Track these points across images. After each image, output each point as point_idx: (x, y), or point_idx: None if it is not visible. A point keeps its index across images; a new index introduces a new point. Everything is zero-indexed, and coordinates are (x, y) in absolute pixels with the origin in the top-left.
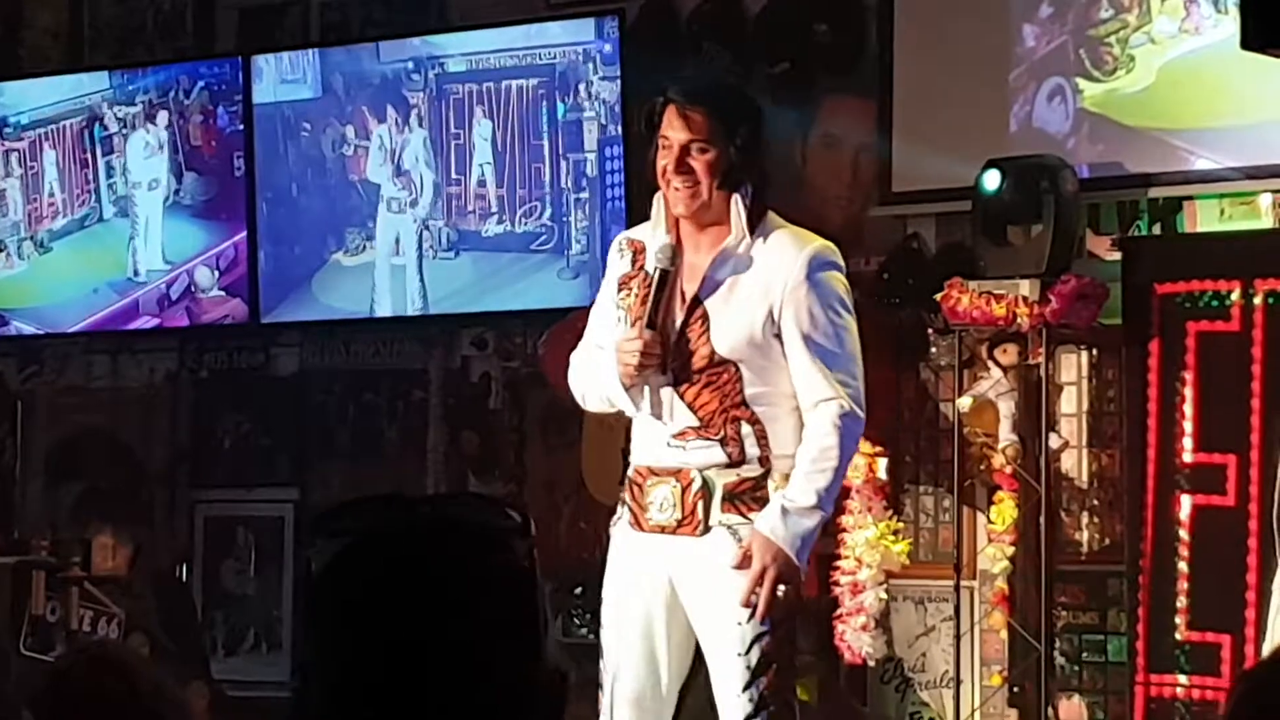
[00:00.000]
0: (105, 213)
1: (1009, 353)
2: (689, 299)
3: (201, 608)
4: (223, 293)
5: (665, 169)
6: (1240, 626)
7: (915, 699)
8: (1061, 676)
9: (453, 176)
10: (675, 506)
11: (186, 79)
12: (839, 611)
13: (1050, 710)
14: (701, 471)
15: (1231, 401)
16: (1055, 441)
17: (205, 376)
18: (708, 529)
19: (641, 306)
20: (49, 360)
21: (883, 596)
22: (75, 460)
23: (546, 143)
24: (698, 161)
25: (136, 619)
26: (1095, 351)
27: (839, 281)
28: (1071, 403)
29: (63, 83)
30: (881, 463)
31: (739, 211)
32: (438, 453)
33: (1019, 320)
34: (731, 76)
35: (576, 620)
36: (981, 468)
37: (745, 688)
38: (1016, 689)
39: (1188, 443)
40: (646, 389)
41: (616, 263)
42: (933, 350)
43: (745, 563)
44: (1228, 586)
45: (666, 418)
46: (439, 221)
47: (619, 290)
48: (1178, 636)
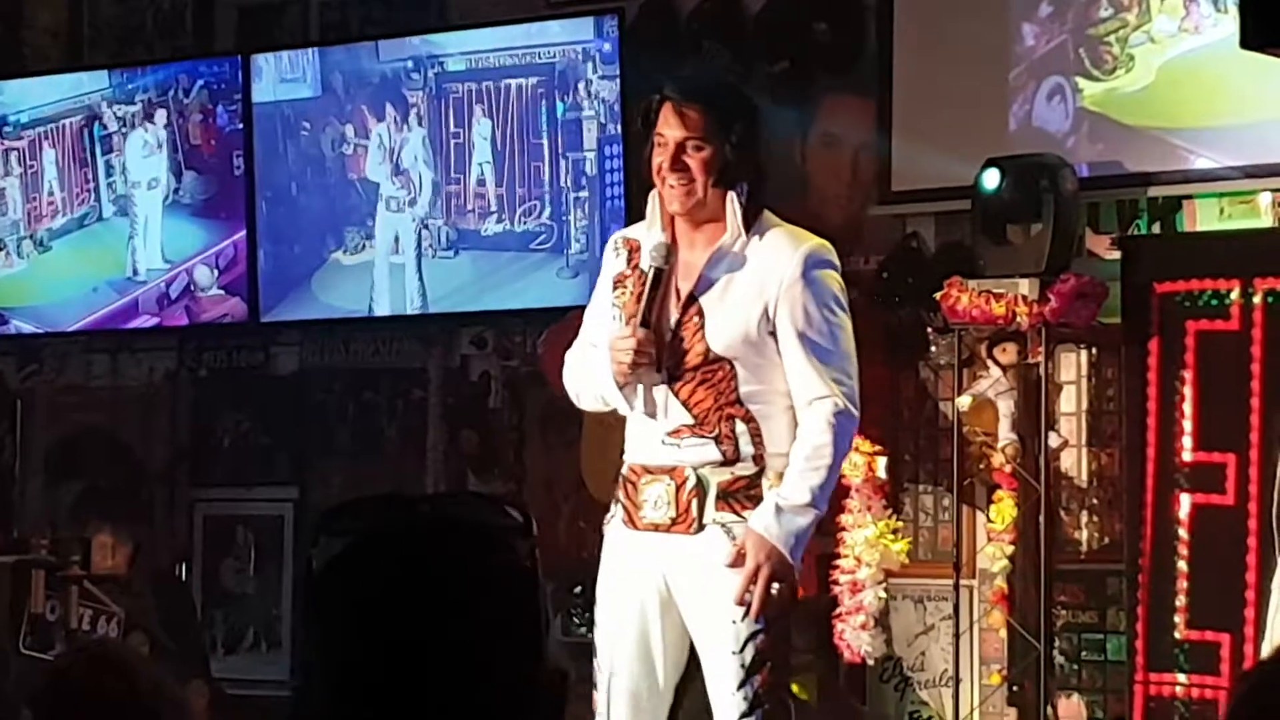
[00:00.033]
0: (105, 212)
1: (1008, 352)
2: (684, 296)
3: (201, 606)
4: (222, 292)
5: (660, 166)
6: (1239, 626)
7: (914, 698)
8: (1061, 675)
9: (452, 175)
10: (670, 505)
11: (186, 78)
12: (838, 610)
13: (1049, 709)
14: (696, 470)
15: (1231, 400)
16: (1055, 440)
17: (205, 375)
18: (702, 527)
19: (636, 305)
20: (48, 359)
21: (882, 595)
22: (75, 459)
23: (546, 142)
24: (693, 159)
25: (136, 618)
26: (1095, 350)
27: (834, 280)
28: (1071, 402)
29: (62, 82)
30: (881, 461)
31: (735, 209)
32: (437, 452)
33: (1018, 319)
34: (731, 75)
35: (575, 619)
36: (981, 467)
37: (740, 686)
38: (1016, 688)
39: (1187, 442)
40: (640, 387)
41: (612, 261)
42: (932, 349)
43: (739, 561)
44: (1227, 585)
45: (661, 415)
46: (438, 220)
47: (614, 289)
48: (1177, 635)
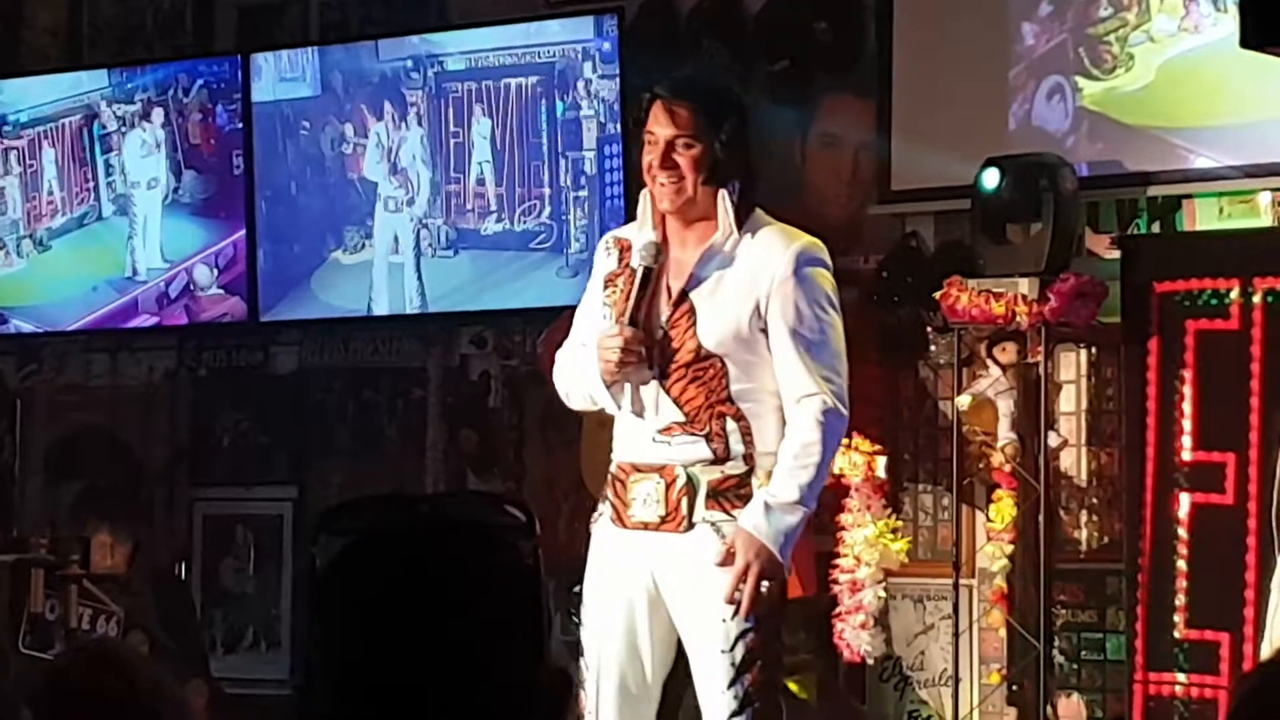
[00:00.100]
0: (104, 211)
1: (1008, 351)
2: (675, 294)
3: (200, 606)
4: (222, 291)
5: (651, 164)
6: (1239, 625)
7: (914, 697)
8: (1060, 675)
9: (452, 175)
10: (659, 503)
11: (185, 77)
12: (838, 610)
13: (1049, 708)
14: (686, 468)
15: (1230, 400)
16: (1054, 440)
17: (204, 375)
18: (691, 525)
19: (625, 303)
20: (48, 358)
21: (881, 595)
22: (74, 458)
23: (545, 141)
24: (683, 156)
25: (135, 617)
26: (1094, 350)
27: (826, 279)
28: (1070, 401)
29: (62, 81)
30: (880, 461)
31: (727, 208)
32: (437, 451)
33: (1018, 318)
34: (731, 75)
35: (575, 618)
36: (980, 466)
37: (730, 684)
38: (1015, 687)
39: (1186, 441)
40: (628, 386)
41: (603, 261)
42: (932, 348)
43: (729, 559)
44: (1226, 585)
45: (651, 413)
46: (438, 220)
47: (605, 288)
48: (1176, 635)
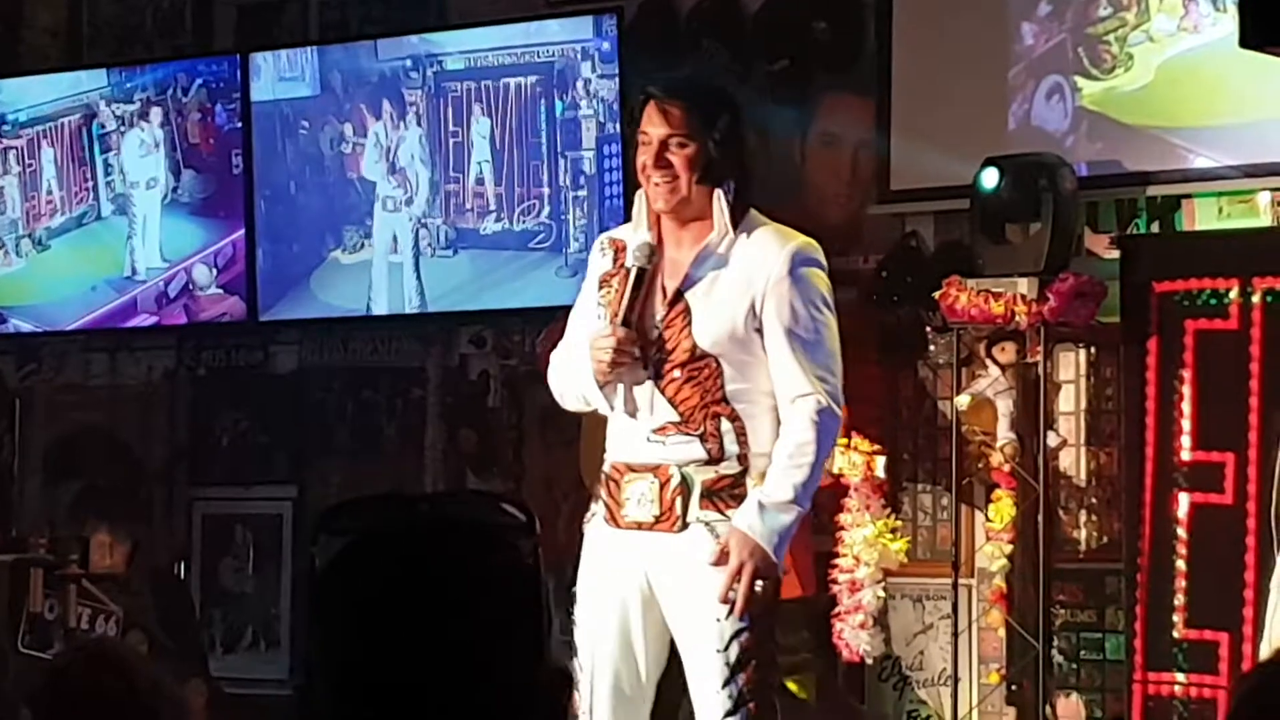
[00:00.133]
0: (103, 210)
1: (1007, 351)
2: (670, 294)
3: (200, 605)
4: (221, 290)
5: (645, 165)
6: (1238, 625)
7: (913, 697)
8: (1059, 674)
9: (451, 174)
10: (653, 502)
11: (185, 77)
12: (837, 609)
13: (1048, 708)
14: (680, 468)
15: (1229, 400)
16: (1053, 440)
17: (203, 374)
18: (685, 525)
19: (618, 304)
20: (47, 358)
21: (881, 594)
22: (73, 458)
23: (545, 141)
24: (676, 156)
25: (134, 617)
26: (1093, 350)
27: (821, 279)
28: (1070, 401)
29: (61, 80)
30: (880, 461)
31: (722, 208)
32: (436, 450)
33: (1017, 318)
34: (730, 74)
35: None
36: (980, 466)
37: (724, 684)
38: (1014, 687)
39: (1186, 441)
40: (621, 387)
41: (598, 261)
42: (931, 348)
43: (723, 559)
44: (1225, 585)
45: (646, 412)
46: (437, 219)
47: (600, 288)
48: (1175, 635)
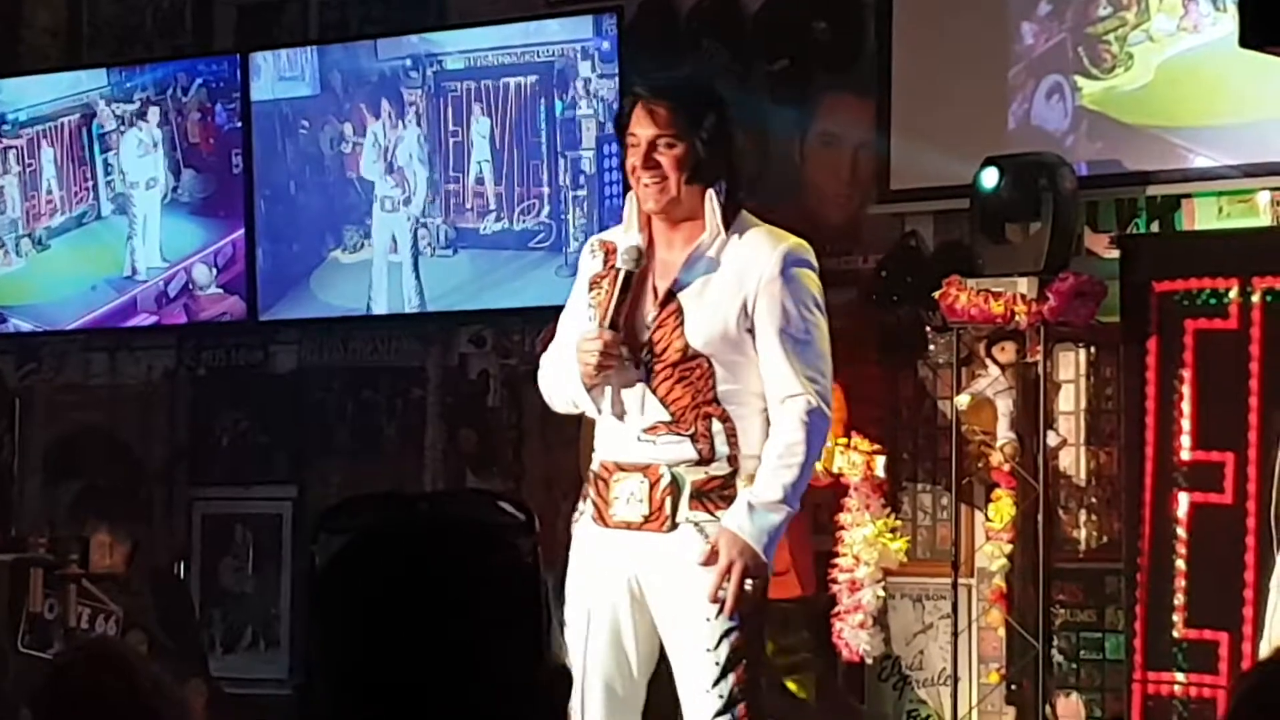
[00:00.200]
0: (103, 210)
1: (1007, 350)
2: (662, 294)
3: (199, 605)
4: (221, 290)
5: (634, 166)
6: (1238, 624)
7: (913, 697)
8: (1059, 674)
9: (451, 174)
10: (643, 502)
11: (185, 76)
12: (837, 609)
13: (1048, 708)
14: (671, 468)
15: (1229, 399)
16: (1053, 439)
17: (203, 374)
18: (675, 525)
19: (606, 306)
20: (47, 358)
21: (880, 594)
22: (73, 458)
23: (544, 140)
24: (665, 156)
25: (134, 616)
26: (1093, 349)
27: (812, 280)
28: (1069, 400)
29: (61, 80)
30: (879, 460)
31: (714, 208)
32: (436, 450)
33: (1017, 318)
34: (730, 74)
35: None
36: (979, 465)
37: (715, 683)
38: (1014, 687)
39: (1185, 440)
40: (609, 390)
41: (588, 263)
42: (931, 348)
43: (712, 559)
44: (1225, 584)
45: (637, 412)
46: (437, 219)
47: (590, 290)
48: (1175, 634)
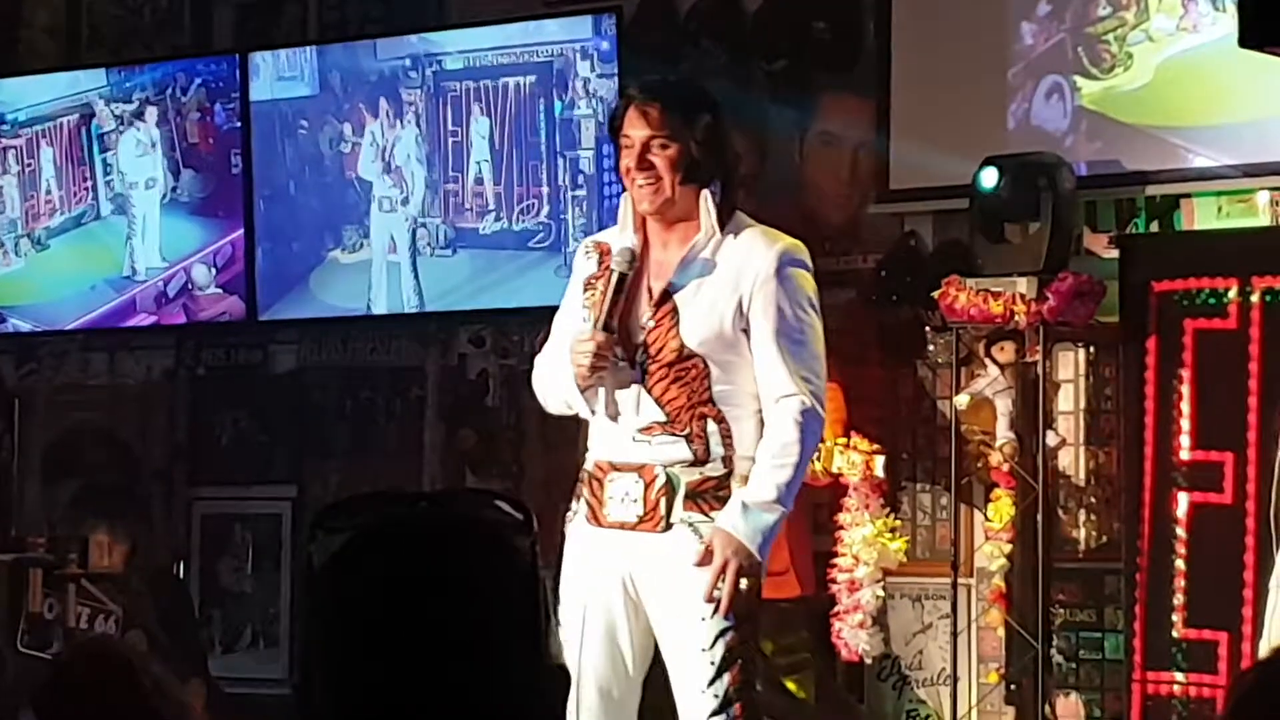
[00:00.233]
0: (102, 210)
1: (1006, 350)
2: (657, 295)
3: (199, 605)
4: (220, 290)
5: (629, 167)
6: (1237, 624)
7: (912, 696)
8: (1059, 674)
9: (450, 174)
10: (637, 502)
11: (184, 76)
12: (836, 609)
13: (1047, 708)
14: (666, 468)
15: (1229, 399)
16: (1053, 439)
17: (203, 374)
18: (669, 526)
19: (600, 308)
20: (46, 357)
21: (880, 594)
22: (72, 457)
23: (544, 140)
24: (659, 157)
25: (134, 616)
26: (1093, 349)
27: (807, 280)
28: (1069, 400)
29: (60, 80)
30: (879, 460)
31: (709, 208)
32: (435, 450)
33: (1016, 318)
34: (729, 74)
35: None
36: (979, 465)
37: (710, 683)
38: (1014, 686)
39: (1185, 440)
40: (602, 391)
41: (583, 264)
42: (930, 348)
43: (707, 559)
44: (1225, 584)
45: (632, 413)
46: (436, 219)
47: (584, 291)
48: (1175, 634)
